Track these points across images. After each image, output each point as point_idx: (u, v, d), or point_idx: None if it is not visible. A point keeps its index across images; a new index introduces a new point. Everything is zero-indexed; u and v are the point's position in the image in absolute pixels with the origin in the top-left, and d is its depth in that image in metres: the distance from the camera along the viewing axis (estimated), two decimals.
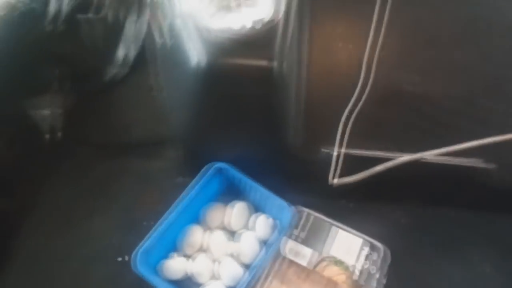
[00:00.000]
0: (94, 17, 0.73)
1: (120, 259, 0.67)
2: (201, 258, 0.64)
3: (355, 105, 0.64)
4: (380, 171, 0.67)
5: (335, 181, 0.67)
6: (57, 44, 0.71)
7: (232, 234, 0.67)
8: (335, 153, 0.65)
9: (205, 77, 0.61)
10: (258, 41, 0.61)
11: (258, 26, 0.60)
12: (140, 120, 0.79)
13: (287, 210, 0.64)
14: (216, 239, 0.65)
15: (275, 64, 0.61)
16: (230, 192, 0.70)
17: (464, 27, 0.64)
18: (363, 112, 0.64)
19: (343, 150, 0.65)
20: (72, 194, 0.74)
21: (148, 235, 0.62)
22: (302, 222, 0.68)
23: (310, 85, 0.63)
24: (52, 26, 0.70)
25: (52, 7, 0.70)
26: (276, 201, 0.65)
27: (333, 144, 0.66)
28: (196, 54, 0.61)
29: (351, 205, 0.74)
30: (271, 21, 0.60)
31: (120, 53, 0.76)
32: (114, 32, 0.75)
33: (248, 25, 0.59)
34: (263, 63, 0.62)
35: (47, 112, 0.78)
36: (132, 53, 0.75)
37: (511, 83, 0.64)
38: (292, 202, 0.67)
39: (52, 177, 0.75)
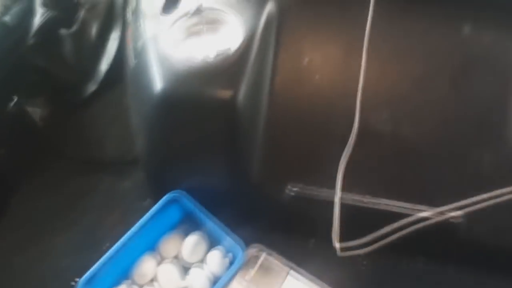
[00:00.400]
0: (77, 32, 0.74)
1: (76, 281, 0.66)
2: None
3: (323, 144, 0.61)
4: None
5: (339, 246, 0.56)
6: (37, 57, 0.72)
7: (187, 267, 0.65)
8: (337, 204, 0.56)
9: (165, 104, 0.59)
10: (221, 71, 0.58)
11: (222, 57, 0.58)
12: (114, 138, 0.78)
13: (239, 247, 0.61)
14: (166, 272, 0.63)
15: (238, 95, 0.59)
16: (189, 223, 0.67)
17: (454, 67, 0.59)
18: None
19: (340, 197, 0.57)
20: (40, 207, 0.74)
21: (95, 263, 0.60)
22: (257, 261, 0.64)
23: (274, 118, 0.59)
24: (34, 40, 0.71)
25: (36, 21, 0.71)
26: (230, 237, 0.62)
27: (297, 183, 0.62)
28: (158, 80, 0.59)
29: (312, 245, 0.67)
30: (236, 51, 0.58)
31: (102, 68, 0.76)
32: (96, 47, 0.75)
33: (212, 55, 0.57)
34: (226, 94, 0.59)
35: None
36: (105, 69, 0.75)
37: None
38: (251, 239, 0.63)
39: (21, 187, 0.76)
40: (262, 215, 0.65)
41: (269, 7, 0.61)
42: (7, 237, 0.71)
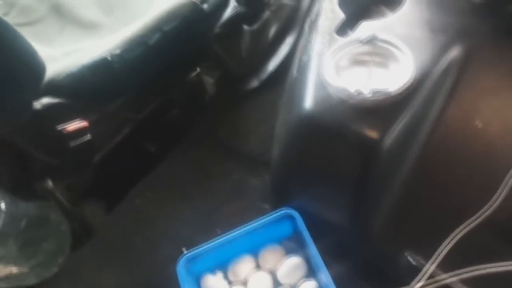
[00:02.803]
0: (258, 30, 0.78)
1: (184, 249, 0.73)
2: None
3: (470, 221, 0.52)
4: None
5: None
6: (219, 46, 0.79)
7: (277, 284, 0.65)
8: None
9: (309, 125, 0.59)
10: (376, 110, 0.54)
11: (381, 95, 0.53)
12: (259, 136, 0.82)
13: None
14: (260, 281, 0.64)
15: (385, 139, 0.54)
16: (294, 242, 0.66)
17: None
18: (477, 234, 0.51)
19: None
20: (180, 174, 0.84)
21: (202, 245, 0.65)
22: None
23: (421, 176, 0.53)
24: (220, 30, 0.78)
25: (226, 13, 0.78)
26: (324, 276, 0.58)
27: (420, 254, 0.55)
28: (310, 99, 0.59)
29: None
30: (397, 93, 0.53)
31: (268, 69, 0.79)
32: (269, 48, 0.78)
33: (365, 92, 0.53)
34: (373, 134, 0.55)
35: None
36: (271, 70, 0.78)
37: None
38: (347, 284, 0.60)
39: (173, 150, 0.86)
40: (371, 270, 0.60)
41: (454, 53, 0.54)
42: (151, 190, 0.83)
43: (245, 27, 0.79)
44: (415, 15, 0.60)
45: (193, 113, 0.93)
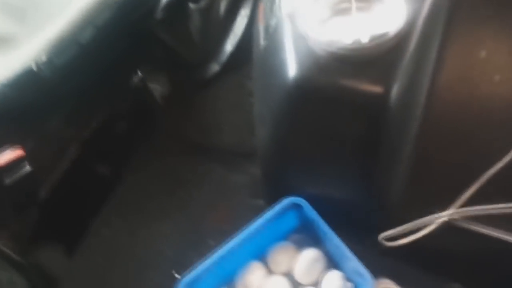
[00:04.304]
0: (205, 7, 0.68)
1: (175, 274, 0.62)
2: None
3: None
4: None
5: None
6: (164, 33, 0.69)
7: (296, 285, 0.56)
8: None
9: (298, 94, 0.50)
10: (374, 60, 0.46)
11: (378, 42, 0.46)
12: (233, 125, 0.72)
13: (365, 278, 0.50)
14: (275, 287, 0.55)
15: (391, 92, 0.47)
16: (304, 233, 0.58)
17: None
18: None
19: None
20: (151, 188, 0.72)
21: (200, 263, 0.54)
22: None
23: (432, 125, 0.46)
24: (162, 14, 0.68)
25: None
26: (353, 263, 0.51)
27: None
28: (293, 65, 0.50)
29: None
30: (395, 36, 0.46)
31: (227, 49, 0.70)
32: (223, 25, 0.69)
33: (364, 39, 0.46)
34: (377, 89, 0.47)
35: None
36: (230, 49, 0.69)
37: None
38: (378, 270, 0.52)
39: (136, 165, 0.75)
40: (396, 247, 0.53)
41: None
42: (119, 215, 0.71)
43: (191, 5, 0.69)
44: None
45: (147, 118, 0.82)
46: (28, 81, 0.60)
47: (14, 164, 0.59)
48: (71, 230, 0.72)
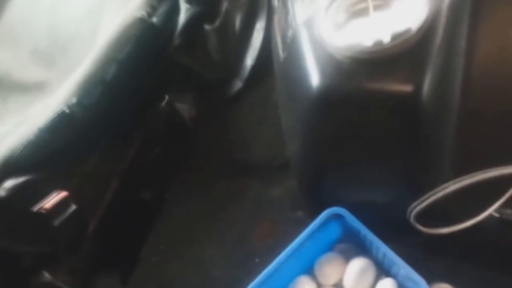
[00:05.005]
0: (221, 26, 0.68)
1: None
2: None
3: None
4: None
5: None
6: (184, 57, 0.70)
7: None
8: None
9: (325, 103, 0.49)
10: (400, 59, 0.44)
11: (401, 40, 0.44)
12: (262, 140, 0.72)
13: (419, 285, 0.47)
14: None
15: (422, 88, 0.45)
16: (350, 243, 0.56)
17: None
18: None
19: None
20: (190, 210, 0.73)
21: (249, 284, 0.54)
22: None
23: (471, 115, 0.43)
24: (180, 39, 0.68)
25: (181, 18, 0.68)
26: (404, 270, 0.49)
27: (506, 206, 0.45)
28: (315, 74, 0.49)
29: None
30: (418, 31, 0.44)
31: (247, 64, 0.70)
32: (241, 41, 0.69)
33: (386, 39, 0.44)
34: (407, 88, 0.45)
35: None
36: (251, 64, 0.68)
37: None
38: (433, 275, 0.50)
39: (174, 188, 0.76)
40: (450, 245, 0.51)
41: None
42: (164, 241, 0.72)
43: (207, 27, 0.69)
44: None
45: (179, 143, 0.83)
46: (62, 124, 0.62)
47: (59, 206, 0.62)
48: (123, 260, 0.74)
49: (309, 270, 0.57)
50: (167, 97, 0.80)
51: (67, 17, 0.78)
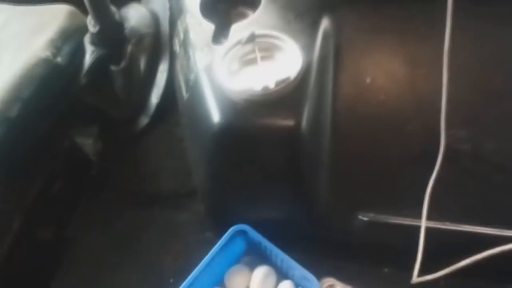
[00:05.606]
0: (126, 67, 0.74)
1: None
2: None
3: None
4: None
5: (417, 279, 0.55)
6: (90, 96, 0.73)
7: None
8: (422, 232, 0.54)
9: (224, 137, 0.58)
10: (282, 100, 0.56)
11: (283, 85, 0.55)
12: (169, 171, 0.78)
13: (311, 281, 0.58)
14: None
15: (301, 123, 0.56)
16: (253, 256, 0.65)
17: None
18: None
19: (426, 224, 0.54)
20: (98, 242, 0.75)
21: None
22: None
23: (339, 142, 0.56)
24: (86, 79, 0.72)
25: (86, 59, 0.72)
26: (299, 271, 0.59)
27: (370, 210, 0.59)
28: (215, 113, 0.58)
29: (386, 274, 0.65)
30: (296, 77, 0.56)
31: (153, 102, 0.76)
32: (146, 81, 0.75)
33: (271, 85, 0.55)
34: (289, 123, 0.56)
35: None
36: (156, 102, 0.75)
37: None
38: (322, 271, 0.61)
39: (78, 221, 0.77)
40: (332, 246, 0.62)
41: (324, 25, 0.58)
42: (75, 275, 0.72)
43: (113, 67, 0.74)
44: (276, 6, 0.64)
45: (83, 176, 0.84)
46: None
47: None
48: None
49: (220, 282, 0.64)
50: (69, 133, 0.81)
51: None
